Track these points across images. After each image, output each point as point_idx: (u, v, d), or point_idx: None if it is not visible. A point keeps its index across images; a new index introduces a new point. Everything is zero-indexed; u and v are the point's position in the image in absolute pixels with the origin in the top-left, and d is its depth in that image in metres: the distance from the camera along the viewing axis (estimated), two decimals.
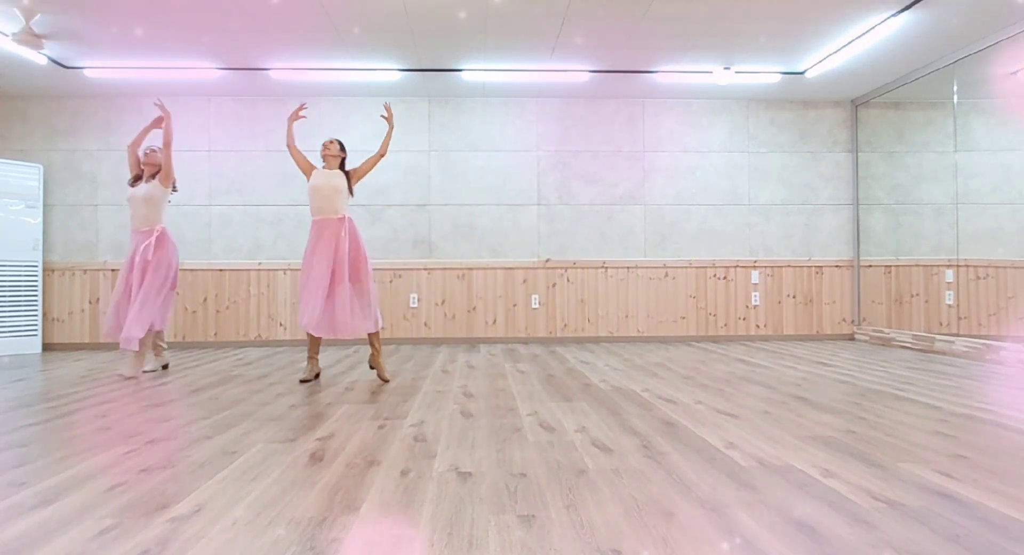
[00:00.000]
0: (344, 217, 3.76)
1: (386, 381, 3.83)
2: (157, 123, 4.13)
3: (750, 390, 3.45)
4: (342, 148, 3.91)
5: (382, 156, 3.90)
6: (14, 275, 5.56)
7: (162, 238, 4.07)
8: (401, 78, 5.53)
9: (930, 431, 2.50)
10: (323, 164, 3.92)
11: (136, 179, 4.17)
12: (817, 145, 6.29)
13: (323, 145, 3.88)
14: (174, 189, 4.19)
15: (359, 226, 6.03)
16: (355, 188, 3.98)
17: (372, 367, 3.88)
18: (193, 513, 1.67)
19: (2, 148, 5.92)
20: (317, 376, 3.95)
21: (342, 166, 3.93)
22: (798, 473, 1.98)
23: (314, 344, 3.89)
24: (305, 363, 3.95)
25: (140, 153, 4.18)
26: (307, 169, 3.89)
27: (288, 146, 3.89)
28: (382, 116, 3.95)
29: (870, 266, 6.10)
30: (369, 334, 3.81)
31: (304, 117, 4.01)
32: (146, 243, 4.01)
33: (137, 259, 3.98)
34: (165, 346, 4.49)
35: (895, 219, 5.86)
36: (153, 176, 4.13)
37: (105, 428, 2.64)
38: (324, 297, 3.62)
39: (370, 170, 3.96)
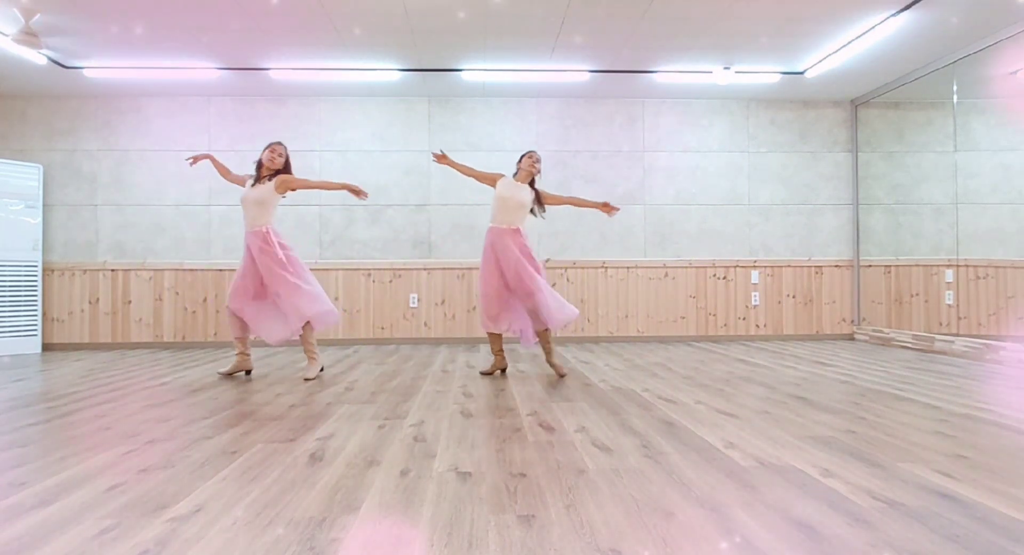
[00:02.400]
0: (518, 229, 3.89)
1: (563, 376, 3.94)
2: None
3: (750, 390, 3.45)
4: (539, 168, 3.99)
5: (574, 203, 4.11)
6: (14, 275, 5.55)
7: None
8: (401, 78, 5.53)
9: (930, 431, 2.50)
10: (515, 173, 4.00)
11: (255, 181, 3.98)
12: (817, 145, 6.29)
13: (530, 156, 3.94)
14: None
15: (359, 226, 6.04)
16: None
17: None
18: (193, 513, 1.67)
19: (2, 148, 5.92)
20: (503, 370, 4.16)
21: (531, 180, 3.99)
22: (798, 473, 1.98)
23: (496, 340, 4.03)
24: (493, 358, 4.14)
25: (263, 157, 3.95)
26: (491, 180, 3.97)
27: (463, 172, 4.00)
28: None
29: (870, 266, 6.10)
30: (539, 332, 3.92)
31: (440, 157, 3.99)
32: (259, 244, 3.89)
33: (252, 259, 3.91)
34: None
35: (895, 219, 5.86)
36: (269, 177, 3.95)
37: (105, 428, 2.64)
38: (499, 299, 3.86)
39: (555, 203, 4.09)
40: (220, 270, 5.95)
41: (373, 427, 2.65)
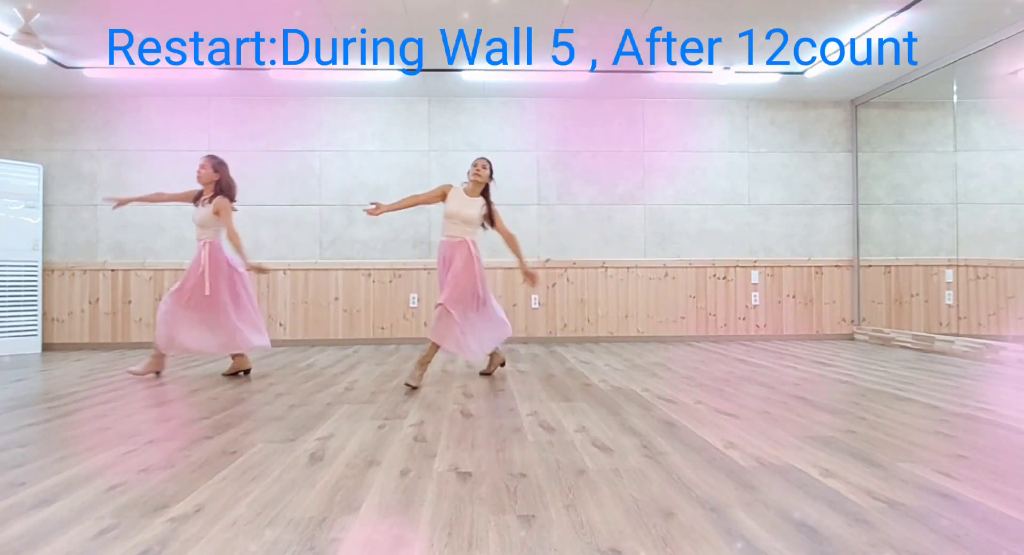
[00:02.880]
0: (464, 241, 3.78)
1: (414, 387, 3.58)
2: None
3: (750, 390, 3.45)
4: (491, 174, 3.85)
5: (510, 246, 3.99)
6: (14, 275, 5.55)
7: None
8: (401, 78, 5.52)
9: (930, 431, 2.50)
10: (465, 182, 3.87)
11: (198, 196, 4.08)
12: (817, 145, 6.29)
13: (474, 164, 3.81)
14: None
15: (360, 226, 6.04)
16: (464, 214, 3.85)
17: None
18: (193, 513, 1.67)
19: (2, 148, 5.91)
20: (503, 364, 4.22)
21: (486, 190, 3.87)
22: (798, 473, 1.98)
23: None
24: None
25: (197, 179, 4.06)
26: (438, 196, 3.84)
27: (405, 206, 3.84)
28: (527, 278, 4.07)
29: (870, 266, 6.10)
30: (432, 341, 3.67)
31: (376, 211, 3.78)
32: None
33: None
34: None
35: (895, 219, 5.86)
36: (210, 199, 3.98)
37: (105, 428, 2.64)
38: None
39: (498, 228, 3.93)
40: None
41: (373, 427, 2.65)
